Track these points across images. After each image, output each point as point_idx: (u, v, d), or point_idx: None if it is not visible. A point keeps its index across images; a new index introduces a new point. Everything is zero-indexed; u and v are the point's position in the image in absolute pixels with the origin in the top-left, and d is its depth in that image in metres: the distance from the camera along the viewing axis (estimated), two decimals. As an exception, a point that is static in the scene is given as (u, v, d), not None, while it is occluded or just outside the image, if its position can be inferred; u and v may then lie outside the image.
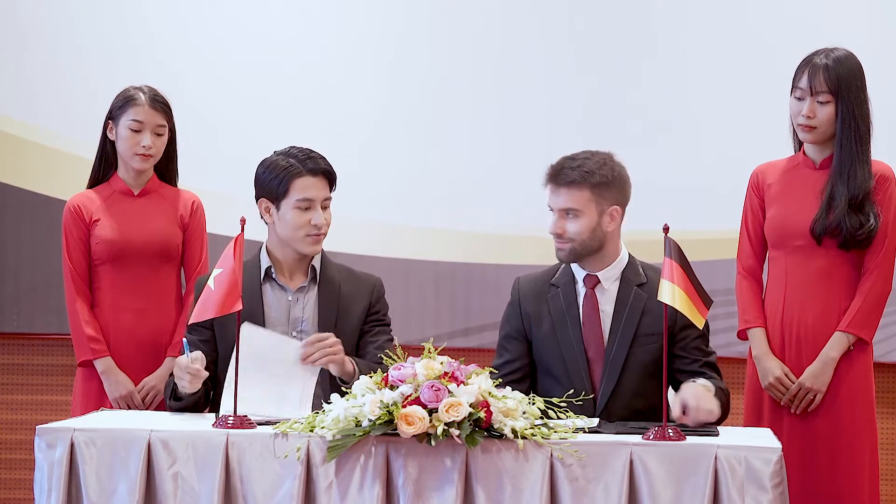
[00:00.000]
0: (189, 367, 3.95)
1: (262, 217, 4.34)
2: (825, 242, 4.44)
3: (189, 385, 3.97)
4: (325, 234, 4.30)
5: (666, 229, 3.64)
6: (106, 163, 4.93)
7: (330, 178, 4.30)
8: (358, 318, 4.34)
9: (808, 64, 4.47)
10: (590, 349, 4.14)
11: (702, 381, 4.00)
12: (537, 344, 4.23)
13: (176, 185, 4.99)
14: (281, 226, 4.26)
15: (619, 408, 4.10)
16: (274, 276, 4.30)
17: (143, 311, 4.84)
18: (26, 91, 6.28)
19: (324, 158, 4.31)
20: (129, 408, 4.75)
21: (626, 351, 4.09)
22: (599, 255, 4.15)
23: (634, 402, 4.08)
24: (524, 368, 4.25)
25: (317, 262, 4.35)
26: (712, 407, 3.88)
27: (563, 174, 4.10)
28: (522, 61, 6.10)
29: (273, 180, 4.25)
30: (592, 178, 4.07)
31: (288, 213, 4.24)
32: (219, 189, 5.93)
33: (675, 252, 3.60)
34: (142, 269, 4.85)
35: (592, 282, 4.17)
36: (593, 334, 4.14)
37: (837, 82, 4.41)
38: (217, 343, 4.26)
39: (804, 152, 4.56)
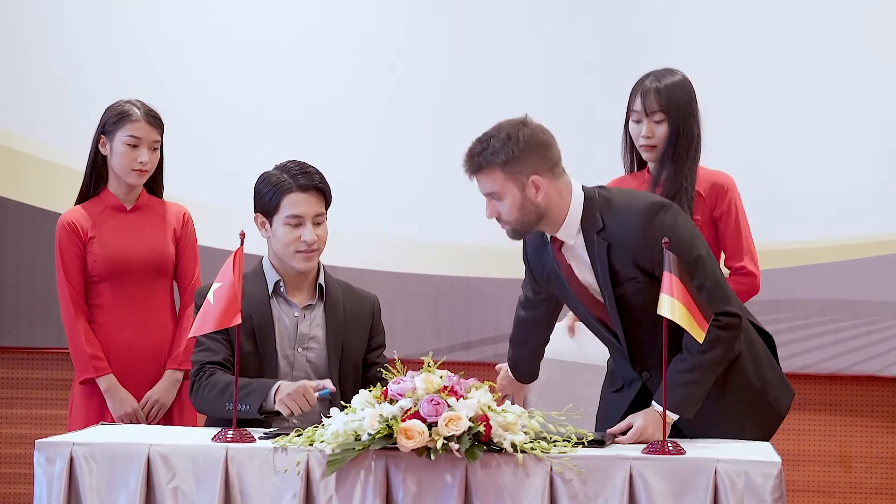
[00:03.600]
0: (310, 403, 3.98)
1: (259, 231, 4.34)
2: None
3: (293, 411, 3.99)
4: (319, 251, 4.29)
5: (666, 244, 3.64)
6: (97, 177, 4.90)
7: (323, 193, 4.28)
8: (362, 339, 4.36)
9: (639, 87, 4.63)
10: (585, 301, 4.05)
11: (657, 408, 3.86)
12: (552, 291, 4.19)
13: (162, 198, 4.99)
14: (274, 241, 4.28)
15: (647, 342, 3.98)
16: (283, 290, 4.30)
17: (141, 325, 4.84)
18: (26, 105, 6.29)
19: (318, 174, 4.29)
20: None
21: (613, 296, 3.94)
22: (546, 223, 3.96)
23: (656, 332, 3.83)
24: (551, 296, 4.25)
25: (322, 280, 4.35)
26: (651, 436, 3.80)
27: (472, 162, 3.93)
28: (522, 73, 6.11)
29: (266, 195, 4.26)
30: (498, 159, 3.87)
31: (279, 229, 4.25)
32: (217, 202, 5.94)
33: (675, 266, 3.60)
34: (138, 284, 4.84)
35: (557, 244, 4.03)
36: (580, 288, 4.03)
37: (668, 102, 4.57)
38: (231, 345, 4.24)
39: (648, 170, 4.69)
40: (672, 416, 3.80)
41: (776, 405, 4.09)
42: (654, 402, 3.86)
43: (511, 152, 3.86)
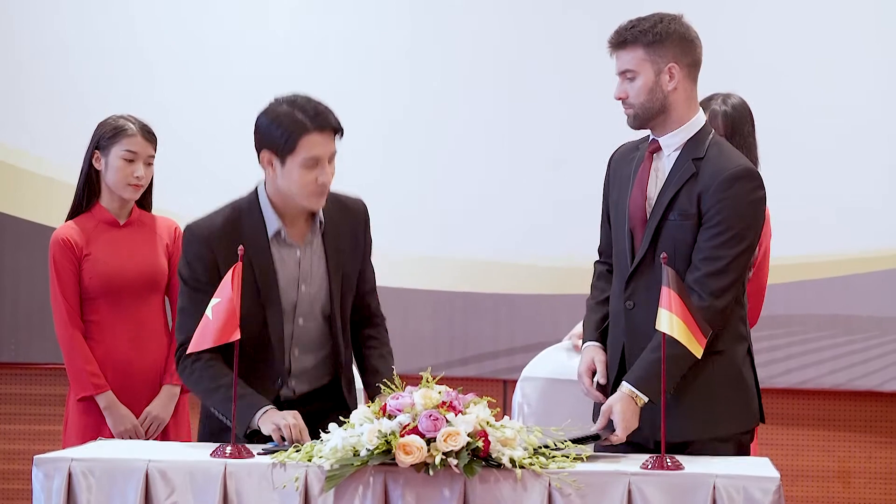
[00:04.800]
0: (293, 434, 3.89)
1: (260, 165, 4.15)
2: None
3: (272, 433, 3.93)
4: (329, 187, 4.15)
5: (664, 259, 3.64)
6: (89, 192, 4.88)
7: (338, 131, 4.11)
8: (357, 256, 4.28)
9: (706, 107, 4.65)
10: (633, 215, 4.03)
11: (627, 387, 3.86)
12: (611, 208, 4.17)
13: (151, 212, 4.98)
14: (285, 181, 4.07)
15: (648, 277, 3.97)
16: (284, 236, 4.15)
17: (137, 341, 4.83)
18: (23, 120, 6.30)
19: (331, 112, 4.10)
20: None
21: (660, 215, 3.95)
22: (664, 119, 3.99)
23: (658, 278, 3.81)
24: None
25: (321, 215, 4.21)
26: (633, 428, 3.82)
27: (618, 36, 4.00)
28: (522, 89, 6.13)
29: (281, 135, 4.04)
30: (645, 38, 3.94)
31: (294, 171, 4.04)
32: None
33: (674, 281, 3.61)
34: (133, 299, 4.83)
35: (653, 147, 4.04)
36: (637, 200, 4.02)
37: (725, 119, 4.68)
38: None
39: None
40: (642, 397, 3.82)
41: (753, 404, 4.06)
42: (623, 382, 3.87)
43: (658, 35, 3.96)
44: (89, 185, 4.87)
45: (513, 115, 6.21)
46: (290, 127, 4.02)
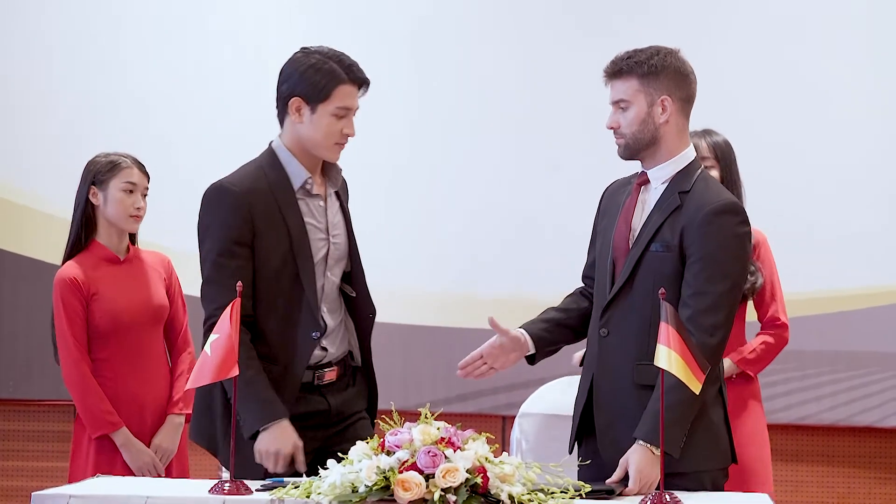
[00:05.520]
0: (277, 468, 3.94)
1: (286, 115, 4.14)
2: None
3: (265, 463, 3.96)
4: None
5: (663, 294, 3.64)
6: (87, 230, 4.89)
7: (366, 87, 4.16)
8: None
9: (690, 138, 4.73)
10: (616, 245, 4.03)
11: (642, 442, 3.82)
12: (597, 238, 4.18)
13: (138, 246, 5.01)
14: (311, 129, 4.10)
15: (626, 306, 3.97)
16: (310, 186, 4.15)
17: (144, 375, 4.85)
18: (20, 157, 6.32)
19: (360, 67, 4.16)
20: (152, 474, 4.78)
21: (643, 247, 3.95)
22: (654, 151, 4.01)
23: (643, 308, 3.92)
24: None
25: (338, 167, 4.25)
26: (654, 479, 3.78)
27: (613, 65, 4.03)
28: (519, 117, 6.15)
29: (316, 82, 4.07)
30: (640, 69, 3.97)
31: (324, 119, 4.08)
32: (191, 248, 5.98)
33: (672, 317, 3.60)
34: (139, 335, 4.86)
35: (642, 179, 4.06)
36: (622, 231, 4.03)
37: (717, 149, 4.83)
38: (255, 263, 4.08)
39: None
40: (656, 451, 3.76)
41: (722, 443, 4.00)
42: (636, 439, 3.82)
43: (654, 67, 3.98)
44: (86, 223, 4.89)
45: (512, 154, 6.23)
46: (328, 75, 4.08)
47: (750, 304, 4.89)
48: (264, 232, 4.03)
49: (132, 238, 4.97)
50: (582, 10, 6.34)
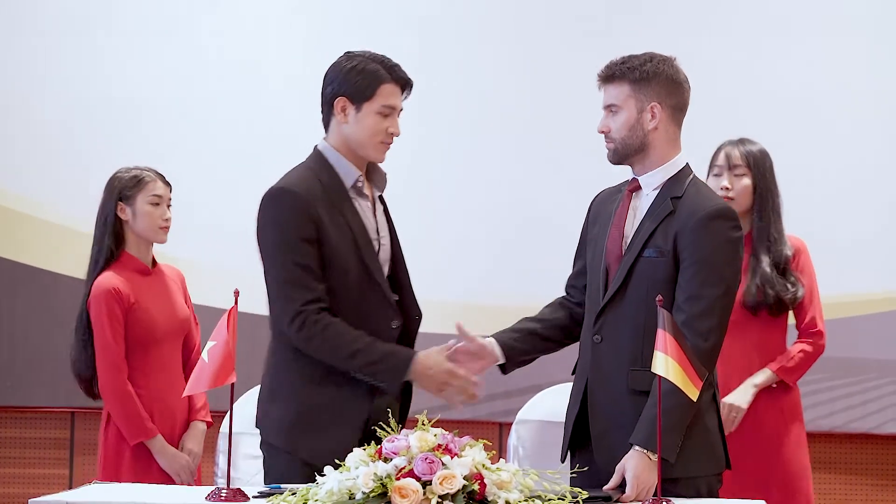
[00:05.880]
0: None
1: (331, 117, 4.17)
2: (759, 313, 4.81)
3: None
4: None
5: (660, 301, 3.64)
6: (117, 243, 4.95)
7: (409, 88, 4.21)
8: None
9: (722, 146, 4.91)
10: (609, 251, 4.04)
11: (638, 448, 3.82)
12: (589, 245, 4.18)
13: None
14: (357, 129, 4.14)
15: (619, 313, 3.97)
16: (361, 186, 4.18)
17: (172, 385, 4.95)
18: (18, 165, 6.31)
19: (403, 69, 4.21)
20: (187, 477, 4.91)
21: (636, 253, 3.96)
22: (643, 158, 4.02)
23: (637, 314, 3.93)
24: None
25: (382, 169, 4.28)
26: (651, 484, 3.78)
27: (607, 69, 4.05)
28: (513, 124, 6.16)
29: (360, 81, 4.13)
30: (633, 74, 3.99)
31: (369, 118, 4.13)
32: (199, 258, 5.97)
33: (669, 324, 3.61)
34: (168, 345, 4.97)
35: (633, 185, 4.07)
36: (614, 237, 4.04)
37: (750, 157, 4.86)
38: (324, 261, 4.06)
39: None
40: (653, 457, 3.75)
41: (717, 450, 4.01)
42: (632, 445, 3.82)
43: (646, 73, 4.00)
44: (115, 237, 4.95)
45: (507, 165, 6.24)
46: (371, 75, 4.13)
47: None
48: (329, 230, 4.04)
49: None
50: (583, 11, 6.34)
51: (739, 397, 4.77)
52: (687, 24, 6.26)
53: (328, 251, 4.04)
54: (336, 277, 4.05)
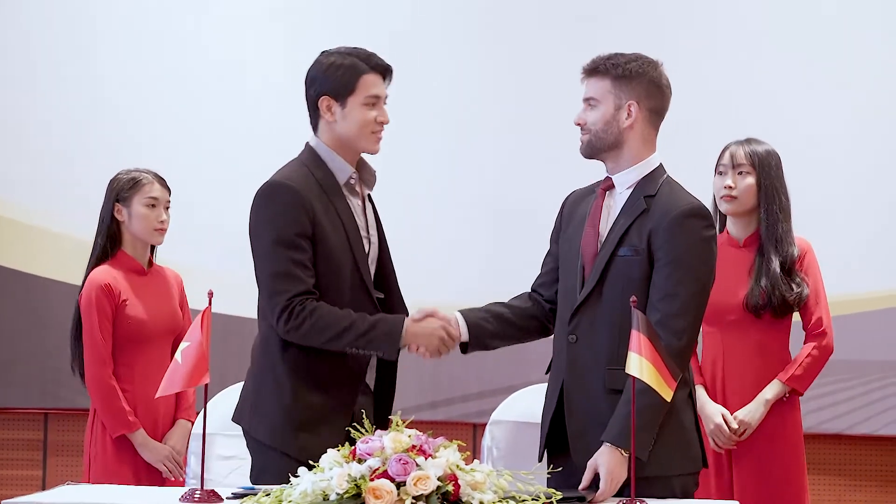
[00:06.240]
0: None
1: (318, 117, 4.16)
2: (762, 315, 4.78)
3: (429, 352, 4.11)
4: None
5: (634, 302, 3.65)
6: (112, 242, 5.03)
7: (388, 74, 4.21)
8: None
9: (728, 146, 4.89)
10: (584, 251, 4.05)
11: (609, 447, 3.84)
12: (560, 244, 4.19)
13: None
14: (346, 124, 4.14)
15: (593, 313, 3.99)
16: (354, 183, 4.19)
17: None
18: (3, 167, 6.30)
19: (380, 56, 4.21)
20: (173, 466, 4.97)
21: (610, 251, 3.98)
22: (616, 155, 4.05)
23: (612, 312, 3.94)
24: (556, 271, 4.21)
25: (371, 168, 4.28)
26: (621, 479, 3.81)
27: (592, 63, 4.07)
28: (507, 124, 6.18)
29: (339, 76, 4.12)
30: (615, 70, 4.02)
31: (356, 111, 4.12)
32: (185, 261, 5.97)
33: (644, 325, 3.62)
34: (157, 345, 5.02)
35: (606, 184, 4.10)
36: (590, 236, 4.05)
37: (755, 157, 4.83)
38: (316, 256, 4.07)
39: (727, 232, 4.89)
40: (624, 454, 3.78)
41: (693, 449, 4.02)
42: (603, 441, 3.84)
43: (629, 72, 4.03)
44: (111, 237, 5.02)
45: (488, 171, 6.25)
46: (350, 69, 4.13)
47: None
48: (323, 225, 4.04)
49: (152, 253, 5.12)
50: (580, 11, 6.35)
51: (751, 413, 4.75)
52: (687, 23, 6.28)
53: (322, 247, 4.04)
54: (328, 274, 4.05)
